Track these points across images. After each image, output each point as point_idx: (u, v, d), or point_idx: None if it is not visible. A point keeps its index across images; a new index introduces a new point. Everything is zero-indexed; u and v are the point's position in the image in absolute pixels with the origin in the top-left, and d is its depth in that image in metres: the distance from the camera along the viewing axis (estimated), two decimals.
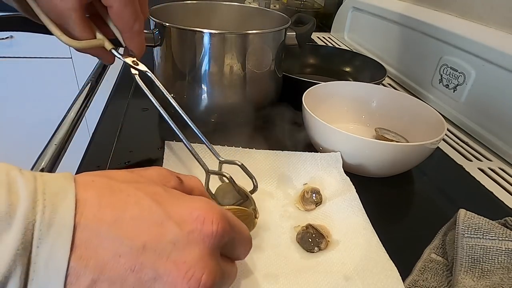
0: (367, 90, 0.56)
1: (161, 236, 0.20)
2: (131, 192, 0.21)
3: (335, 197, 0.40)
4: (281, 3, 1.37)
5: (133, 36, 0.35)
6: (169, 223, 0.20)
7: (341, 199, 0.39)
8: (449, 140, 0.59)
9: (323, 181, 0.42)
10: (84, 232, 0.19)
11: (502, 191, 0.47)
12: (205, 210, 0.22)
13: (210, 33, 0.47)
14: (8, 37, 1.29)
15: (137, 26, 0.34)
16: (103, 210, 0.20)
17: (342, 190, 0.40)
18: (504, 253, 0.31)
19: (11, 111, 1.46)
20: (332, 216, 0.38)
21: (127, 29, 0.34)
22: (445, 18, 0.69)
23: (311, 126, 0.46)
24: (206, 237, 0.21)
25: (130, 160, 0.45)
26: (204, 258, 0.21)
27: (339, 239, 0.35)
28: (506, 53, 0.53)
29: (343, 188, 0.40)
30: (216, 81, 0.51)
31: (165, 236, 0.20)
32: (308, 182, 0.42)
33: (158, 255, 0.20)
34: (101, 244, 0.19)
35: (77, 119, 0.52)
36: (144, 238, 0.20)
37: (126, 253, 0.19)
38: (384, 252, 0.33)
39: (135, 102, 0.59)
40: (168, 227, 0.20)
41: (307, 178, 0.43)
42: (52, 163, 0.42)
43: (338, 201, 0.39)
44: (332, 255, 0.34)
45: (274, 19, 0.58)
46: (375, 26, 0.91)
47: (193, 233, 0.21)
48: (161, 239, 0.20)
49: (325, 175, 0.43)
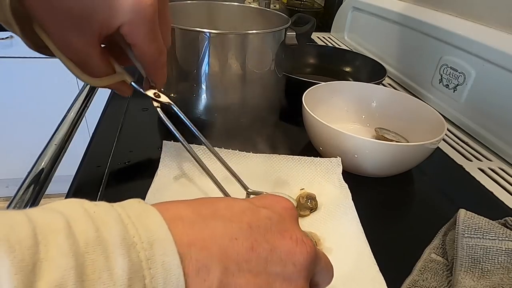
0: (367, 90, 0.56)
1: (257, 215, 0.21)
2: (208, 198, 0.23)
3: (331, 204, 0.39)
4: (281, 3, 1.37)
5: (157, 70, 0.34)
6: (257, 207, 0.22)
7: (336, 207, 0.38)
8: (449, 140, 0.59)
9: (321, 186, 0.41)
10: (191, 230, 0.19)
11: (502, 191, 0.47)
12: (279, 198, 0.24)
13: (210, 33, 0.47)
14: (8, 37, 1.29)
15: (161, 60, 0.33)
16: (194, 209, 0.20)
17: (339, 198, 0.39)
18: (504, 253, 0.31)
19: (11, 111, 1.46)
20: (326, 223, 0.37)
21: (151, 64, 0.33)
22: (445, 18, 0.69)
23: (311, 126, 0.46)
24: (293, 217, 0.23)
25: (130, 160, 0.45)
26: (299, 228, 0.23)
27: (330, 247, 0.34)
28: (506, 53, 0.53)
29: (340, 195, 0.40)
30: (216, 81, 0.51)
31: (259, 214, 0.21)
32: (305, 187, 0.41)
33: (264, 230, 0.20)
34: (213, 232, 0.19)
35: (77, 119, 0.52)
36: (245, 219, 0.21)
37: (240, 234, 0.19)
38: (375, 264, 0.32)
39: (135, 102, 0.59)
40: (258, 209, 0.22)
41: (305, 183, 0.42)
42: (52, 163, 0.43)
43: (333, 209, 0.38)
44: None
45: (274, 19, 0.58)
46: (375, 26, 0.91)
47: (282, 211, 0.23)
48: (258, 217, 0.21)
49: (323, 180, 0.42)
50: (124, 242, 0.16)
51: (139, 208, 0.19)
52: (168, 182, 0.40)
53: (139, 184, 0.40)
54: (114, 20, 0.28)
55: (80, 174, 0.42)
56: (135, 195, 0.38)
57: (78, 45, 0.30)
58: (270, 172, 0.43)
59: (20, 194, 0.38)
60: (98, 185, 0.40)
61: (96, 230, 0.16)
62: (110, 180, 0.41)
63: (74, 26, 0.28)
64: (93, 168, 0.43)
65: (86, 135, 0.55)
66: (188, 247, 0.18)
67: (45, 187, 0.40)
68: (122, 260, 0.15)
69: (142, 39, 0.30)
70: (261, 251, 0.19)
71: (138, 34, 0.30)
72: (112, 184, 0.41)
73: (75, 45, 0.30)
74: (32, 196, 0.38)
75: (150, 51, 0.31)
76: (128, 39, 0.30)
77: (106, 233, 0.16)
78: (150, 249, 0.16)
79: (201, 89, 0.52)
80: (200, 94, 0.52)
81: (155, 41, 0.31)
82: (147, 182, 0.39)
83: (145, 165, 0.45)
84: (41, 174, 0.41)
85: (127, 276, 0.15)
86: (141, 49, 0.31)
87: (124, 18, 0.28)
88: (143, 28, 0.29)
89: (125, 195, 0.42)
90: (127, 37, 0.30)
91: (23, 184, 0.39)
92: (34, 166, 0.41)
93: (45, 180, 0.40)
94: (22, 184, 0.39)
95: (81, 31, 0.29)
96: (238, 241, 0.19)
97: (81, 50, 0.30)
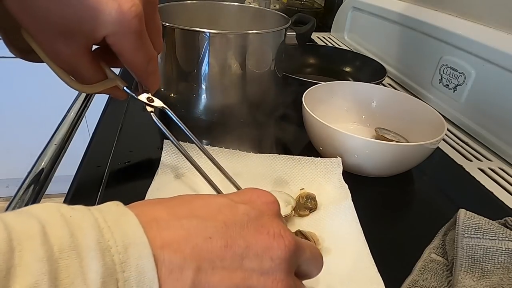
0: (367, 90, 0.56)
1: (234, 212, 0.22)
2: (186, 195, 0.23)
3: (331, 205, 0.39)
4: (281, 3, 1.37)
5: (147, 77, 0.33)
6: (235, 203, 0.23)
7: (336, 207, 0.38)
8: (449, 140, 0.59)
9: (321, 187, 0.41)
10: (165, 231, 0.19)
11: (502, 191, 0.47)
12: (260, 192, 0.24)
13: (210, 33, 0.47)
14: None
15: (150, 67, 0.32)
16: (170, 209, 0.21)
17: (339, 198, 0.39)
18: (504, 253, 0.31)
19: (11, 111, 1.46)
20: (325, 223, 0.37)
21: (140, 71, 0.32)
22: (445, 18, 0.69)
23: (311, 126, 0.46)
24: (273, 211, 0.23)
25: (130, 160, 0.45)
26: (278, 221, 0.23)
27: (329, 247, 0.34)
28: (506, 53, 0.53)
29: (340, 195, 0.40)
30: (216, 81, 0.51)
31: (237, 211, 0.22)
32: (305, 187, 0.41)
33: (240, 226, 0.21)
34: (187, 233, 0.19)
35: (77, 119, 0.52)
36: (221, 217, 0.21)
37: (214, 233, 0.20)
38: (373, 265, 0.32)
39: (135, 102, 0.58)
40: (236, 205, 0.22)
41: (305, 183, 0.42)
42: (52, 163, 0.43)
43: (333, 209, 0.38)
44: None
45: (274, 19, 0.58)
46: (375, 26, 0.91)
47: (261, 206, 0.23)
48: (235, 213, 0.22)
49: (323, 181, 0.42)
50: (98, 246, 0.16)
51: (117, 211, 0.19)
52: (169, 180, 0.41)
53: (139, 184, 0.40)
54: (98, 31, 0.28)
55: (80, 174, 0.42)
56: (135, 195, 0.38)
57: (67, 54, 0.29)
58: (270, 171, 0.43)
59: (20, 194, 0.38)
60: (98, 185, 0.40)
61: (71, 235, 0.16)
62: (110, 180, 0.41)
63: (61, 34, 0.28)
64: (93, 168, 0.43)
65: (86, 135, 0.55)
66: (162, 249, 0.18)
67: (45, 187, 0.40)
68: (96, 263, 0.16)
69: (128, 49, 0.30)
70: (236, 248, 0.20)
71: (123, 45, 0.29)
72: (112, 184, 0.41)
73: (63, 53, 0.29)
74: (32, 196, 0.38)
75: (137, 60, 0.31)
76: (114, 49, 0.30)
77: (81, 238, 0.16)
78: (125, 252, 0.17)
79: (201, 89, 0.52)
80: (200, 94, 0.52)
81: (142, 50, 0.30)
82: (147, 182, 0.39)
83: (145, 165, 0.45)
84: (41, 174, 0.41)
85: (101, 280, 0.16)
86: (128, 58, 0.30)
87: (108, 30, 0.28)
88: (128, 39, 0.29)
89: (125, 195, 0.43)
90: (113, 47, 0.29)
91: (23, 184, 0.39)
92: (34, 166, 0.41)
93: (45, 180, 0.40)
94: (22, 184, 0.39)
95: (68, 40, 0.28)
96: (212, 240, 0.20)
97: (70, 58, 0.29)
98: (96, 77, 0.32)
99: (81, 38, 0.28)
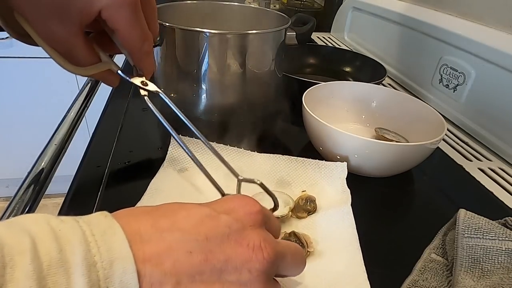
0: (367, 90, 0.56)
1: (216, 224, 0.22)
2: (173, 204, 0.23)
3: (329, 208, 0.39)
4: (281, 3, 1.37)
5: (143, 57, 0.33)
6: (218, 214, 0.23)
7: (334, 211, 0.38)
8: (449, 140, 0.59)
9: (322, 190, 0.41)
10: (147, 245, 0.19)
11: (502, 191, 0.47)
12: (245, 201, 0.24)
13: (210, 33, 0.47)
14: (8, 37, 1.29)
15: (145, 47, 0.32)
16: (155, 221, 0.21)
17: (339, 203, 0.39)
18: (504, 253, 0.31)
19: (11, 111, 1.46)
20: (321, 227, 0.37)
21: (135, 50, 0.32)
22: (445, 18, 0.69)
23: (311, 126, 0.46)
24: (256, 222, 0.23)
25: (130, 160, 0.45)
26: (260, 232, 0.23)
27: (321, 250, 0.34)
28: (506, 53, 0.53)
29: (341, 200, 0.39)
30: (216, 81, 0.51)
31: (219, 222, 0.22)
32: (307, 189, 0.41)
33: (221, 240, 0.21)
34: (168, 248, 0.20)
35: (77, 119, 0.52)
36: (203, 229, 0.21)
37: (195, 247, 0.20)
38: (364, 272, 0.32)
39: (135, 102, 0.59)
40: (218, 216, 0.22)
41: (307, 185, 0.42)
42: (52, 163, 0.42)
43: (331, 213, 0.38)
44: (308, 267, 0.31)
45: (274, 19, 0.58)
46: (375, 26, 0.91)
47: (244, 217, 0.23)
48: (217, 225, 0.22)
49: (326, 184, 0.42)
50: (85, 262, 0.17)
51: (105, 224, 0.20)
52: (172, 174, 0.41)
53: (139, 184, 0.40)
54: (93, 4, 0.27)
55: (80, 174, 0.42)
56: (135, 195, 0.38)
57: (60, 34, 0.29)
58: (273, 172, 0.43)
59: (20, 194, 0.38)
60: (98, 185, 0.40)
61: (59, 251, 0.17)
62: (110, 180, 0.41)
63: (53, 14, 0.27)
64: (93, 168, 0.43)
65: (86, 135, 0.55)
66: (143, 264, 0.19)
67: (45, 187, 0.40)
68: (82, 280, 0.17)
69: (124, 24, 0.29)
70: (215, 262, 0.21)
71: (119, 18, 0.29)
72: (112, 184, 0.41)
73: (57, 34, 0.29)
74: (32, 196, 0.38)
75: (133, 37, 0.31)
76: (109, 24, 0.29)
77: (69, 254, 0.17)
78: (110, 268, 0.18)
79: (201, 89, 0.52)
80: (200, 94, 0.52)
81: (137, 26, 0.30)
82: (147, 182, 0.39)
83: (145, 165, 0.45)
84: (41, 174, 0.41)
85: None
86: (124, 34, 0.30)
87: (103, 2, 0.28)
88: (124, 12, 0.29)
89: (125, 195, 0.43)
90: (108, 22, 0.29)
91: (23, 184, 0.39)
92: (34, 166, 0.41)
93: (45, 180, 0.40)
94: (22, 184, 0.39)
95: (61, 19, 0.28)
96: (192, 254, 0.20)
97: (64, 39, 0.29)
98: (90, 60, 0.32)
99: (75, 15, 0.28)
